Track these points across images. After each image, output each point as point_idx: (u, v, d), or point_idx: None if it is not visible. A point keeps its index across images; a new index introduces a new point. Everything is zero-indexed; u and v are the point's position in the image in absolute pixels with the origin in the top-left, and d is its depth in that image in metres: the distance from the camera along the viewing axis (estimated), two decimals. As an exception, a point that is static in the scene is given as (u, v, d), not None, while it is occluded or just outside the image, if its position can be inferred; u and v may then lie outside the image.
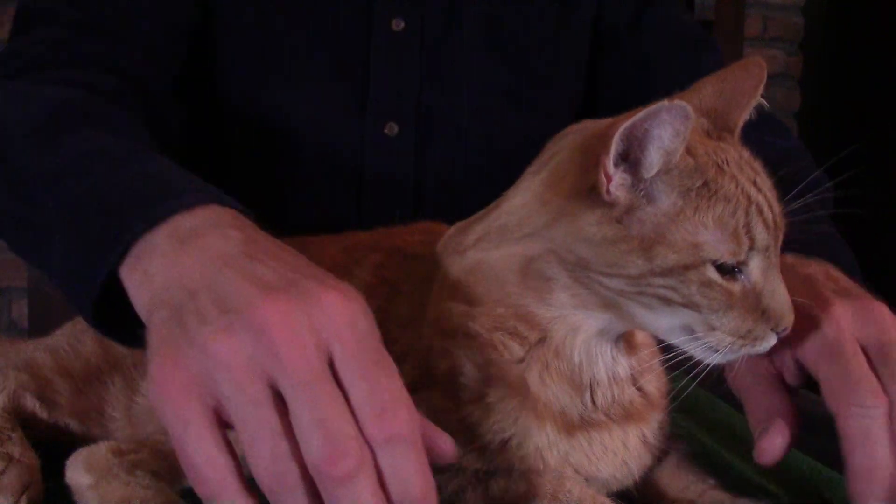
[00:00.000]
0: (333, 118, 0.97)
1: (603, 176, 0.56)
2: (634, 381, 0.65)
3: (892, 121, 2.38)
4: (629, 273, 0.57)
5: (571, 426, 0.63)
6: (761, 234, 0.57)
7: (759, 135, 0.66)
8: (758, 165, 0.61)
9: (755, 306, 0.58)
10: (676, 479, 0.69)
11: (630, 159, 0.56)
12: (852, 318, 0.62)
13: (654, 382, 0.67)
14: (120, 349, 0.73)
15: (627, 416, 0.65)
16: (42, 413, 0.72)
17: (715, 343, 0.58)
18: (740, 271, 0.58)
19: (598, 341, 0.63)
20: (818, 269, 0.70)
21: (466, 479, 0.64)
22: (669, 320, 0.59)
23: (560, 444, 0.62)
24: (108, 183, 0.60)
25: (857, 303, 0.64)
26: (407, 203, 0.99)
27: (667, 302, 0.57)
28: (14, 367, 0.74)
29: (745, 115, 0.64)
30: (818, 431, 0.86)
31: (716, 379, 0.98)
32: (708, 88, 0.64)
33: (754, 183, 0.59)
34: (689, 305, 0.57)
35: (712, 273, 0.56)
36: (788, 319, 0.58)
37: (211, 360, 0.45)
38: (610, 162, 0.56)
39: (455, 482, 0.65)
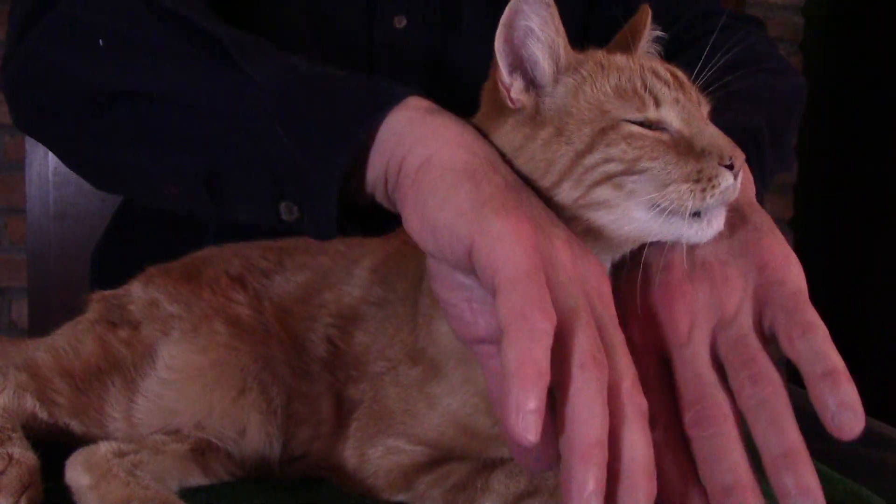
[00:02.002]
0: None
1: (503, 88, 0.60)
2: None
3: (893, 121, 2.38)
4: (562, 166, 0.58)
5: None
6: (662, 90, 0.60)
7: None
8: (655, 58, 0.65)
9: (690, 149, 0.58)
10: None
11: (523, 67, 0.60)
12: (701, 307, 0.58)
13: None
14: (120, 350, 0.73)
15: None
16: (42, 413, 0.72)
17: (677, 198, 0.57)
18: (663, 129, 0.59)
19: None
20: None
21: (469, 473, 0.65)
22: (634, 207, 0.58)
23: None
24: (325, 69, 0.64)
25: (711, 282, 0.59)
26: None
27: (615, 184, 0.58)
28: (14, 366, 0.74)
29: (638, 44, 0.68)
30: (819, 432, 0.86)
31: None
32: (611, 44, 0.69)
33: (650, 61, 0.63)
34: (632, 167, 0.58)
35: (632, 127, 0.58)
36: (730, 150, 0.58)
37: (552, 249, 0.54)
38: (502, 72, 0.60)
39: (458, 474, 0.65)
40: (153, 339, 0.73)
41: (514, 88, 0.60)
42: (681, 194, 0.57)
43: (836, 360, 0.53)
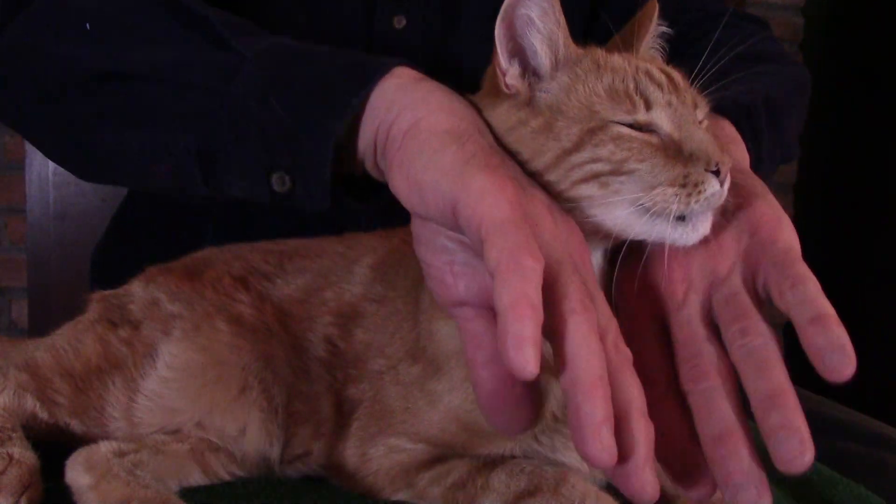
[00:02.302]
0: None
1: (499, 72, 0.61)
2: None
3: (893, 121, 2.38)
4: (548, 159, 0.59)
5: None
6: (655, 93, 0.60)
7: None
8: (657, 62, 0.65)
9: (679, 152, 0.59)
10: None
11: (522, 54, 0.61)
12: (696, 272, 0.60)
13: None
14: (121, 349, 0.73)
15: None
16: (42, 413, 0.72)
17: (662, 201, 0.57)
18: (653, 131, 0.60)
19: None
20: None
21: (468, 471, 0.65)
22: (619, 205, 0.58)
23: (554, 388, 0.63)
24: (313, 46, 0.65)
25: (706, 248, 0.61)
26: None
27: (601, 182, 0.58)
28: (14, 366, 0.74)
29: (643, 40, 0.68)
30: (818, 431, 0.86)
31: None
32: (616, 38, 0.69)
33: (646, 63, 0.62)
34: (619, 168, 0.58)
35: (620, 129, 0.59)
36: (717, 156, 0.58)
37: (533, 209, 0.55)
38: (500, 58, 0.60)
39: (458, 473, 0.65)
40: (154, 338, 0.73)
41: (509, 74, 0.61)
42: (666, 197, 0.57)
43: (827, 306, 0.53)
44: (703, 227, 0.59)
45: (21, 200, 2.23)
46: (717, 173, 0.58)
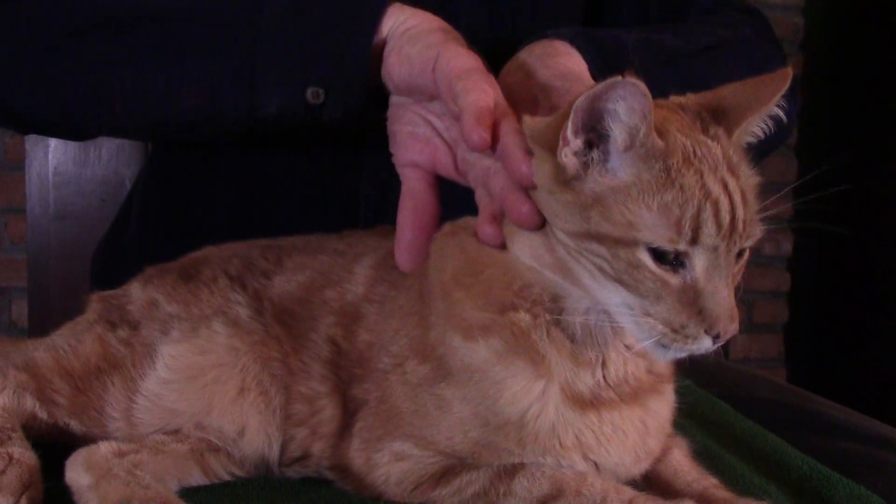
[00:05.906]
0: None
1: (562, 140, 0.59)
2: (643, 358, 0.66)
3: (893, 121, 2.38)
4: (567, 227, 0.59)
5: (582, 402, 0.64)
6: (709, 232, 0.57)
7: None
8: (743, 171, 0.60)
9: (692, 303, 0.57)
10: (682, 473, 0.69)
11: (596, 129, 0.58)
12: None
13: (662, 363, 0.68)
14: (120, 349, 0.73)
15: (636, 394, 0.65)
16: (42, 413, 0.72)
17: (648, 329, 0.58)
18: (682, 265, 0.57)
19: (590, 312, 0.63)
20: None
21: (489, 480, 0.64)
22: (610, 294, 0.59)
23: (573, 421, 0.63)
24: None
25: None
26: None
27: (602, 272, 0.58)
28: (14, 366, 0.74)
29: (752, 119, 0.63)
30: (818, 431, 0.86)
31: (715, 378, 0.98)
32: (726, 90, 0.64)
33: (725, 184, 0.58)
34: (620, 282, 0.58)
35: (645, 257, 0.57)
36: (724, 325, 0.57)
37: None
38: (569, 130, 0.58)
39: (478, 483, 0.65)
40: (152, 338, 0.73)
41: (569, 147, 0.59)
42: (652, 328, 0.58)
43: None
44: (672, 356, 0.60)
45: (21, 200, 2.22)
46: (716, 338, 0.58)
